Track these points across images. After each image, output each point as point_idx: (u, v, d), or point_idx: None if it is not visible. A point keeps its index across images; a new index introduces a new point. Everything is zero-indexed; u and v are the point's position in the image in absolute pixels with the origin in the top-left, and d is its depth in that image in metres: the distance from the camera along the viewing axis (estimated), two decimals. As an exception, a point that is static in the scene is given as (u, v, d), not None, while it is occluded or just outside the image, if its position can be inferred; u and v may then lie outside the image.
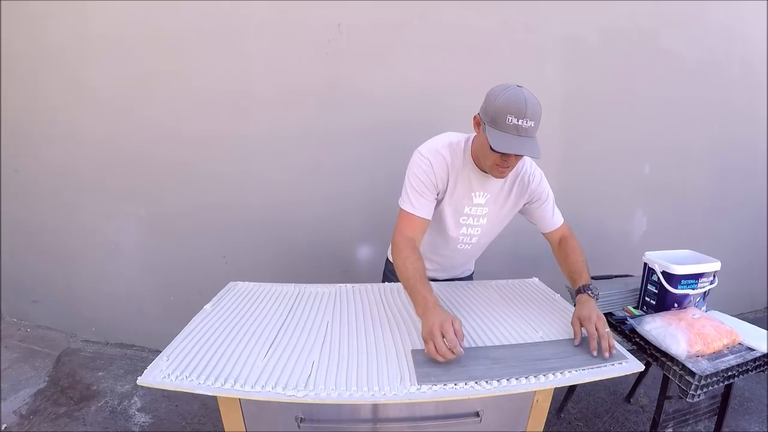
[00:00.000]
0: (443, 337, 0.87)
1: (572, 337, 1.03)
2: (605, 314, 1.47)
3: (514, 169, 1.17)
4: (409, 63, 1.96)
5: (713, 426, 1.44)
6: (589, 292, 1.12)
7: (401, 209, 1.18)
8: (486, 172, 1.15)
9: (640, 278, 1.50)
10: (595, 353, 0.95)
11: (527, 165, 1.24)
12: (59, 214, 2.23)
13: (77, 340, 2.36)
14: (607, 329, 0.98)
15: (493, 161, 1.06)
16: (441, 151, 1.15)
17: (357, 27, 1.91)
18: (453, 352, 0.86)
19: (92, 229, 2.21)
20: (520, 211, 1.30)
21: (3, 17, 2.04)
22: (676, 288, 1.36)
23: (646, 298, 1.47)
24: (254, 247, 2.13)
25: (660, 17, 2.14)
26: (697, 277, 1.38)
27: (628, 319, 1.39)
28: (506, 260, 2.13)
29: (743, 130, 2.50)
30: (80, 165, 2.13)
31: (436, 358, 0.87)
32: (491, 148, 0.99)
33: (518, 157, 1.05)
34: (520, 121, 0.97)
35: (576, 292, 1.15)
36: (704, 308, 1.45)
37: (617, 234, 2.39)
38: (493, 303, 1.25)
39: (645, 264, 1.46)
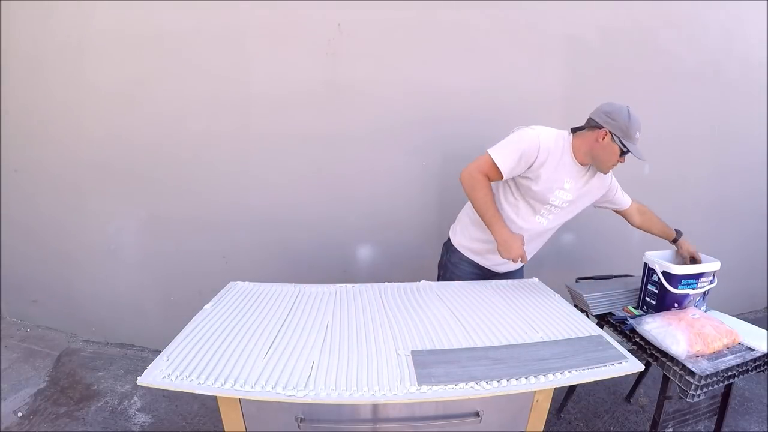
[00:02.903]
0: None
1: (571, 337, 1.05)
2: (605, 314, 1.48)
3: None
4: (409, 63, 1.96)
5: (713, 426, 1.44)
6: (682, 235, 1.59)
7: (490, 156, 1.32)
8: (581, 164, 1.39)
9: (640, 278, 1.50)
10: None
11: None
12: (59, 214, 2.23)
13: (77, 340, 2.36)
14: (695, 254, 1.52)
15: (613, 162, 1.35)
16: (548, 134, 1.34)
17: (357, 27, 1.91)
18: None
19: (92, 229, 2.21)
20: (597, 203, 1.55)
21: (3, 17, 2.04)
22: (676, 288, 1.36)
23: (646, 298, 1.47)
24: (254, 247, 2.13)
25: (660, 17, 2.14)
26: (697, 277, 1.38)
27: (628, 319, 1.39)
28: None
29: (743, 130, 2.49)
30: (80, 165, 2.13)
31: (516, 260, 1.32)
32: (630, 154, 1.30)
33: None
34: (638, 134, 1.31)
35: (674, 240, 1.59)
36: (704, 308, 1.45)
37: (617, 234, 2.38)
38: (493, 303, 1.25)
39: (645, 264, 1.47)
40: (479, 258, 1.53)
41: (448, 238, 1.63)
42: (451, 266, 1.56)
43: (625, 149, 1.29)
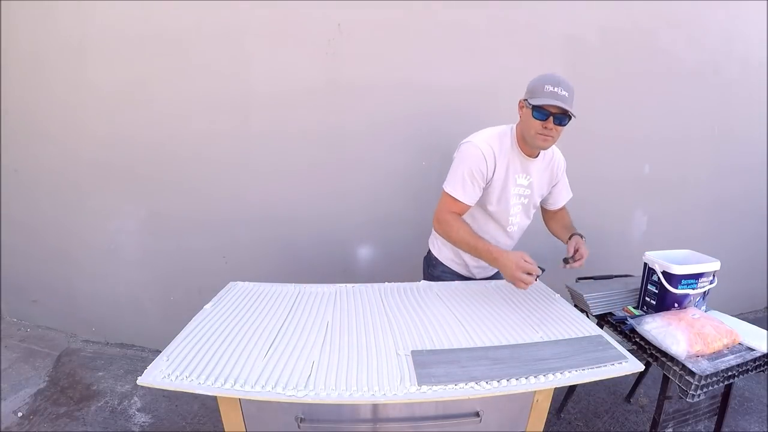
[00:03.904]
0: (528, 273, 1.13)
1: (571, 337, 1.05)
2: (605, 314, 1.48)
3: (548, 154, 1.38)
4: (409, 63, 1.96)
5: (713, 426, 1.44)
6: (580, 234, 1.41)
7: (447, 193, 1.30)
8: (530, 156, 1.32)
9: (640, 278, 1.50)
10: (567, 264, 1.32)
11: (557, 152, 1.44)
12: (59, 214, 2.23)
13: (77, 340, 2.36)
14: (584, 254, 1.33)
15: (536, 130, 1.20)
16: (491, 141, 1.28)
17: (357, 27, 1.91)
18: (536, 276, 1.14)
19: (92, 229, 2.21)
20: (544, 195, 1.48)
21: (3, 17, 2.04)
22: (677, 288, 1.36)
23: (646, 298, 1.47)
24: (254, 247, 2.13)
25: (660, 17, 2.14)
26: (697, 277, 1.38)
27: (628, 319, 1.39)
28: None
29: (743, 130, 2.49)
30: (80, 165, 2.13)
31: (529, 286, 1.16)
32: (533, 108, 1.16)
33: (557, 127, 1.19)
34: (556, 88, 1.14)
35: (572, 235, 1.42)
36: (704, 308, 1.45)
37: (617, 234, 2.39)
38: (493, 303, 1.25)
39: (645, 264, 1.46)
40: (463, 269, 1.50)
41: (428, 251, 1.59)
42: (435, 280, 1.50)
43: (531, 107, 1.18)
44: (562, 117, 1.17)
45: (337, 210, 2.09)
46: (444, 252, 1.51)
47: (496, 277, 1.54)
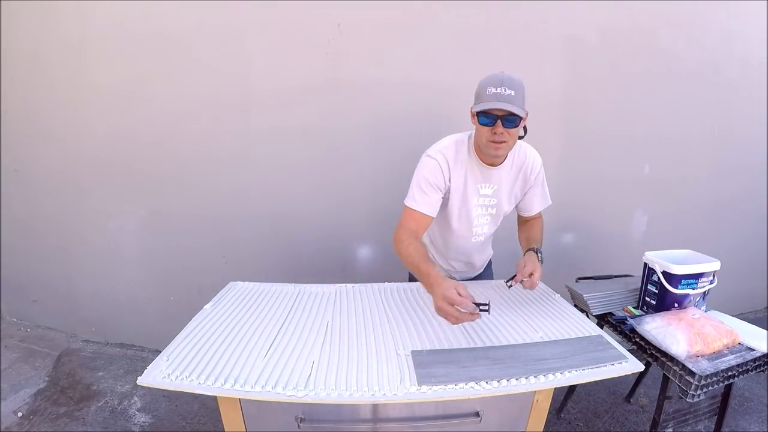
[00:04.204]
0: (453, 305, 0.93)
1: (571, 336, 1.05)
2: (605, 314, 1.48)
3: (519, 159, 1.27)
4: (409, 63, 1.96)
5: (713, 426, 1.44)
6: (539, 253, 1.28)
7: (405, 206, 1.23)
8: (491, 165, 1.23)
9: (640, 278, 1.50)
10: (512, 283, 1.20)
11: (530, 155, 1.30)
12: (59, 214, 2.23)
13: (77, 340, 2.36)
14: (536, 277, 1.17)
15: (486, 137, 1.12)
16: (445, 151, 1.21)
17: (357, 27, 1.91)
18: (471, 313, 0.93)
19: (92, 229, 2.21)
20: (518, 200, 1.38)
21: (3, 17, 2.04)
22: (677, 288, 1.36)
23: (646, 298, 1.47)
24: (254, 247, 2.13)
25: (660, 17, 2.14)
26: (697, 277, 1.38)
27: (628, 319, 1.39)
28: (506, 260, 2.13)
29: (743, 130, 2.49)
30: (80, 165, 2.13)
31: (460, 323, 0.95)
32: (478, 114, 1.08)
33: (509, 131, 1.09)
34: (499, 89, 1.06)
35: (527, 250, 1.30)
36: (704, 308, 1.45)
37: (617, 234, 2.39)
38: (493, 303, 1.25)
39: (645, 264, 1.46)
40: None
41: None
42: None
43: (477, 114, 1.10)
44: (511, 118, 1.07)
45: (336, 209, 2.09)
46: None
47: (478, 278, 1.54)
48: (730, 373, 1.17)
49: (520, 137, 1.24)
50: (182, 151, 2.05)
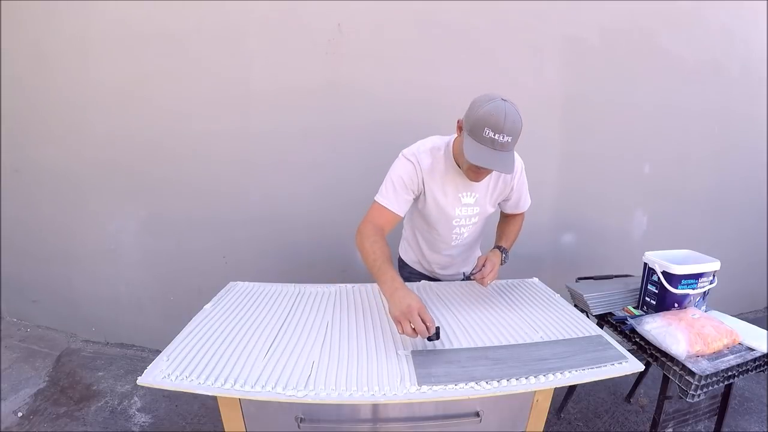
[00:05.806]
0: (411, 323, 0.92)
1: (572, 337, 1.05)
2: (605, 314, 1.48)
3: None
4: (409, 63, 1.96)
5: (713, 426, 1.44)
6: (504, 253, 1.32)
7: (375, 202, 1.23)
8: None
9: (640, 278, 1.50)
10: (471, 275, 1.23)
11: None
12: (59, 214, 2.23)
13: (77, 340, 2.36)
14: (491, 277, 1.22)
15: (468, 167, 1.12)
16: (421, 156, 1.20)
17: (357, 27, 1.91)
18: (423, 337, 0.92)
19: (92, 229, 2.21)
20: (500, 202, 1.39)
21: (3, 17, 2.04)
22: (677, 288, 1.36)
23: (646, 298, 1.47)
24: (254, 247, 2.13)
25: (660, 17, 2.14)
26: (697, 277, 1.38)
27: (628, 319, 1.39)
28: (506, 260, 2.14)
29: (743, 130, 2.49)
30: (81, 165, 2.13)
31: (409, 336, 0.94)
32: (464, 150, 1.04)
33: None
34: (497, 135, 1.00)
35: (494, 247, 1.35)
36: (704, 308, 1.45)
37: (617, 234, 2.39)
38: (493, 303, 1.25)
39: (645, 264, 1.46)
40: (427, 271, 1.49)
41: (399, 256, 1.58)
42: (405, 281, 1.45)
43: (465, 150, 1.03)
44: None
45: (336, 209, 2.09)
46: (409, 254, 1.51)
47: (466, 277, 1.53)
48: (730, 373, 1.17)
49: None
50: (182, 152, 2.05)
